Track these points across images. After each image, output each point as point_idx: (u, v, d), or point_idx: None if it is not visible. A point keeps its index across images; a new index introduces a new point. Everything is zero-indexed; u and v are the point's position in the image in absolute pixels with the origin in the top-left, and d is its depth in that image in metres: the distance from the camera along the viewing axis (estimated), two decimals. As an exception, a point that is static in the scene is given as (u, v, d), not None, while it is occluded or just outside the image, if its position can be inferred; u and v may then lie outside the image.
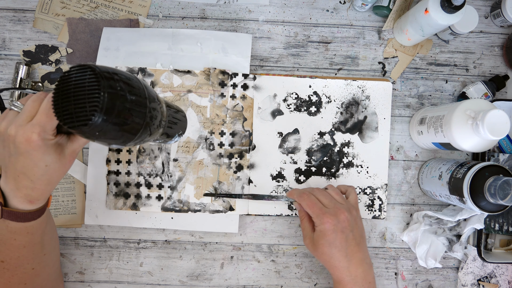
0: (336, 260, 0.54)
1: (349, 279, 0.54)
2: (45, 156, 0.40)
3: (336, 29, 0.68)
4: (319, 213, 0.54)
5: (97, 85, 0.34)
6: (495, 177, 0.51)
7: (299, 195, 0.57)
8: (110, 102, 0.34)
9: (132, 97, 0.36)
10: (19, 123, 0.39)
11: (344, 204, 0.56)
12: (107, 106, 0.34)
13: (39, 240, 0.49)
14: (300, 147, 0.66)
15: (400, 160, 0.68)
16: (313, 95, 0.66)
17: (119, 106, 0.35)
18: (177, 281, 0.66)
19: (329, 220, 0.53)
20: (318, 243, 0.55)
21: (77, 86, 0.35)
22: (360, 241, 0.55)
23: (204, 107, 0.65)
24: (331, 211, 0.54)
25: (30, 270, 0.49)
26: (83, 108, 0.34)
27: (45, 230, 0.49)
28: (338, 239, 0.53)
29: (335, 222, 0.53)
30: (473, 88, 0.65)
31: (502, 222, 0.65)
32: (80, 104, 0.34)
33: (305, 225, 0.58)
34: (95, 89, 0.34)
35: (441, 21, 0.56)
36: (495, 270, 0.67)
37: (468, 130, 0.53)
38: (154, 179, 0.64)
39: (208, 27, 0.67)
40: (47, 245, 0.51)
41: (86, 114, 0.34)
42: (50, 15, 0.65)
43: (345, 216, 0.54)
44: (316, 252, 0.56)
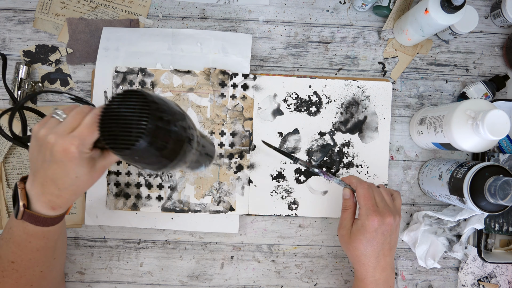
0: (366, 259, 0.54)
1: (372, 279, 0.55)
2: (78, 168, 0.41)
3: (336, 29, 0.68)
4: (371, 209, 0.54)
5: (147, 112, 0.35)
6: (495, 177, 0.51)
7: (359, 182, 0.57)
8: (156, 130, 0.35)
9: (175, 128, 0.37)
10: (60, 133, 0.40)
11: (392, 208, 0.56)
12: (153, 134, 0.35)
13: (52, 245, 0.50)
14: (300, 147, 0.66)
15: (400, 160, 0.68)
16: (313, 95, 0.66)
17: (163, 135, 0.36)
18: (177, 281, 0.66)
19: (376, 219, 0.53)
20: (355, 237, 0.54)
21: (127, 110, 0.36)
22: (393, 246, 0.55)
23: (204, 107, 0.65)
24: (381, 211, 0.54)
25: (38, 272, 0.50)
26: (129, 132, 0.35)
27: (59, 236, 0.51)
28: (376, 239, 0.53)
29: (380, 223, 0.53)
30: (473, 88, 0.65)
31: (502, 222, 0.65)
32: (127, 128, 0.35)
33: (347, 216, 0.57)
34: (145, 116, 0.35)
35: (441, 21, 0.56)
36: (495, 270, 0.67)
37: (468, 130, 0.53)
38: (154, 179, 0.64)
39: (208, 27, 0.67)
40: (59, 250, 0.52)
41: (131, 139, 0.35)
42: (50, 15, 0.65)
43: (390, 220, 0.54)
44: (348, 245, 0.56)
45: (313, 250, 0.67)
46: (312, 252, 0.67)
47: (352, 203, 0.58)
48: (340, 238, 0.58)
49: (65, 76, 0.65)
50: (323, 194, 0.66)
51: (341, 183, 0.58)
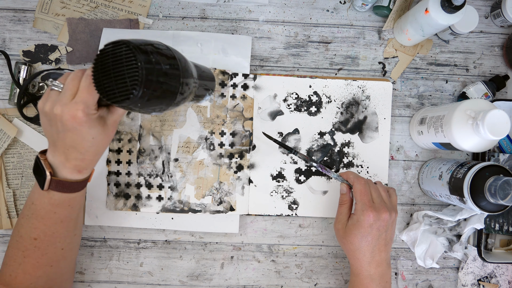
0: (361, 254, 0.55)
1: (367, 274, 0.55)
2: (91, 130, 0.43)
3: (336, 29, 0.68)
4: (367, 204, 0.54)
5: (134, 60, 0.36)
6: (495, 177, 0.51)
7: (356, 178, 0.57)
8: (148, 74, 0.36)
9: (167, 66, 0.38)
10: (64, 102, 0.42)
11: (388, 204, 0.56)
12: (146, 79, 0.36)
13: (75, 215, 0.52)
14: (300, 147, 0.66)
15: (400, 160, 0.68)
16: (313, 95, 0.66)
17: (156, 76, 0.37)
18: (177, 281, 0.66)
19: (371, 214, 0.53)
20: (350, 232, 0.55)
21: (115, 62, 0.37)
22: (388, 242, 0.56)
23: (205, 107, 0.65)
24: (376, 206, 0.54)
25: (59, 250, 0.51)
26: (124, 84, 0.36)
27: (81, 205, 0.53)
28: (371, 235, 0.54)
29: (375, 219, 0.53)
30: (473, 88, 0.65)
31: (502, 222, 0.65)
32: (120, 80, 0.36)
33: (344, 210, 0.58)
34: (133, 64, 0.36)
35: (441, 21, 0.56)
36: (495, 270, 0.67)
37: (468, 130, 0.53)
38: (154, 179, 0.64)
39: (208, 27, 0.67)
40: (79, 223, 0.55)
41: (127, 89, 0.36)
42: (50, 15, 0.65)
43: (386, 216, 0.54)
44: (344, 240, 0.56)
45: (313, 250, 0.67)
46: (312, 252, 0.67)
47: (349, 198, 0.59)
48: (336, 232, 0.58)
49: (65, 76, 0.65)
50: (323, 194, 0.66)
51: (339, 178, 0.59)
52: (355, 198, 0.56)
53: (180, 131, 0.64)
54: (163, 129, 0.64)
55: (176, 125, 0.64)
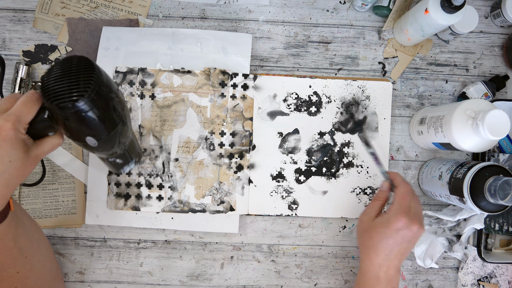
0: (375, 253, 0.54)
1: (375, 274, 0.54)
2: (12, 151, 0.39)
3: (336, 29, 0.68)
4: (403, 209, 0.53)
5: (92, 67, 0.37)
6: (495, 177, 0.51)
7: (403, 182, 0.57)
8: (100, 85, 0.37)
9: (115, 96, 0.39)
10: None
11: (419, 218, 0.55)
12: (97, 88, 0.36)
13: (12, 244, 0.46)
14: (300, 147, 0.66)
15: (400, 160, 0.68)
16: (313, 95, 0.66)
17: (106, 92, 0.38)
18: (177, 281, 0.66)
19: (403, 220, 0.52)
20: (375, 228, 0.54)
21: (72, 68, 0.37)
22: (405, 252, 0.55)
23: (204, 107, 0.65)
24: (411, 215, 0.53)
25: (15, 273, 0.48)
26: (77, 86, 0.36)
27: (16, 234, 0.47)
28: (394, 239, 0.53)
29: (405, 226, 0.52)
30: (473, 88, 0.65)
31: (502, 222, 0.65)
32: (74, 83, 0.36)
33: (376, 205, 0.57)
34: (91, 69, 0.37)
35: (441, 21, 0.56)
36: (495, 270, 0.67)
37: (468, 130, 0.53)
38: (154, 179, 0.64)
39: (208, 27, 0.67)
40: (26, 248, 0.49)
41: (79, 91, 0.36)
42: (50, 15, 0.65)
43: (416, 228, 0.53)
44: (365, 233, 0.55)
45: (313, 250, 0.67)
46: (312, 252, 0.67)
47: (385, 197, 0.58)
48: (359, 223, 0.57)
49: (65, 76, 0.65)
50: (323, 194, 0.66)
51: (384, 174, 0.59)
52: (394, 199, 0.55)
53: (180, 131, 0.64)
54: (163, 129, 0.64)
55: (176, 125, 0.64)
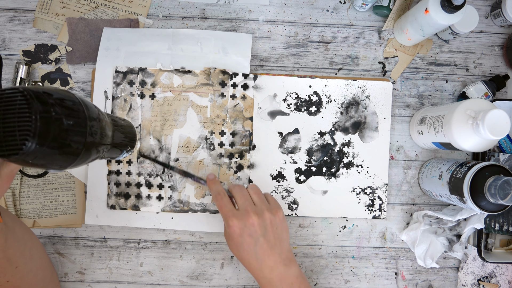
0: (247, 263, 0.53)
1: (265, 281, 0.53)
2: None
3: (336, 29, 0.68)
4: (227, 215, 0.53)
5: (27, 110, 0.31)
6: (496, 177, 0.51)
7: (215, 194, 0.55)
8: (43, 127, 0.31)
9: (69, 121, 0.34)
10: None
11: (258, 207, 0.54)
12: (40, 132, 0.31)
13: (1, 255, 0.46)
14: (300, 147, 0.66)
15: (400, 160, 0.68)
16: (313, 95, 0.66)
17: (54, 130, 0.32)
18: (177, 281, 0.66)
19: (235, 224, 0.51)
20: (228, 243, 0.54)
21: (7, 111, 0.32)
22: (275, 243, 0.53)
23: (205, 107, 0.65)
24: (240, 214, 0.52)
25: (4, 283, 0.48)
26: (13, 136, 0.31)
27: (5, 246, 0.46)
28: (245, 243, 0.52)
29: (241, 226, 0.51)
30: (473, 88, 0.65)
31: (502, 222, 0.65)
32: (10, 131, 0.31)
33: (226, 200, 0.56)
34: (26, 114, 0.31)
35: (441, 21, 0.56)
36: (495, 270, 0.67)
37: (468, 130, 0.53)
38: (154, 179, 0.64)
39: (208, 27, 0.67)
40: (17, 258, 0.49)
41: (16, 143, 0.31)
42: (50, 15, 0.65)
43: (253, 221, 0.52)
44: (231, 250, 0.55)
45: (313, 250, 0.67)
46: (312, 252, 0.67)
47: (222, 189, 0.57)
48: None
49: (65, 76, 0.65)
50: (323, 194, 0.66)
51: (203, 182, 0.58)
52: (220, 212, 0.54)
53: (180, 131, 0.64)
54: (163, 129, 0.64)
55: (176, 125, 0.64)
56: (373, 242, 0.67)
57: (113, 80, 0.64)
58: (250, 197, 0.56)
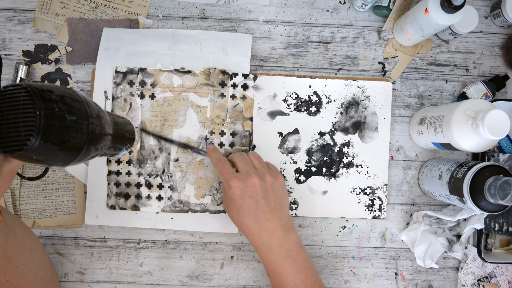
0: (246, 227, 0.52)
1: (263, 247, 0.52)
2: None
3: (336, 29, 0.68)
4: (228, 177, 0.52)
5: (32, 106, 0.32)
6: (495, 177, 0.51)
7: (216, 160, 0.54)
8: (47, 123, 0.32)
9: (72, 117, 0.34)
10: None
11: (259, 170, 0.53)
12: (44, 128, 0.32)
13: (2, 255, 0.47)
14: (300, 147, 0.66)
15: (400, 160, 0.68)
16: (313, 95, 0.66)
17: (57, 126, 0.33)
18: (177, 281, 0.66)
19: (236, 185, 0.50)
20: (227, 208, 0.53)
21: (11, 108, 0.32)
22: (275, 207, 0.52)
23: (204, 107, 0.65)
24: (241, 176, 0.51)
25: (4, 282, 0.48)
26: (17, 132, 0.32)
27: (6, 245, 0.47)
28: (246, 204, 0.51)
29: (242, 187, 0.50)
30: (473, 88, 0.65)
31: (502, 222, 0.65)
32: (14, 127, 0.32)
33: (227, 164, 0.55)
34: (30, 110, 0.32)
35: (441, 21, 0.56)
36: (495, 270, 0.67)
37: (468, 130, 0.53)
38: (154, 179, 0.64)
39: (208, 27, 0.67)
40: (17, 257, 0.49)
41: (21, 138, 0.32)
42: (50, 15, 0.65)
43: (254, 181, 0.51)
44: (229, 217, 0.54)
45: (313, 250, 0.67)
46: (312, 252, 0.67)
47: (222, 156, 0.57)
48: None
49: (65, 76, 0.65)
50: (323, 194, 0.66)
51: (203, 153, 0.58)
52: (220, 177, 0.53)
53: (180, 131, 0.64)
54: (163, 129, 0.64)
55: (176, 125, 0.64)
56: (373, 242, 0.67)
57: (113, 80, 0.64)
58: (251, 162, 0.55)
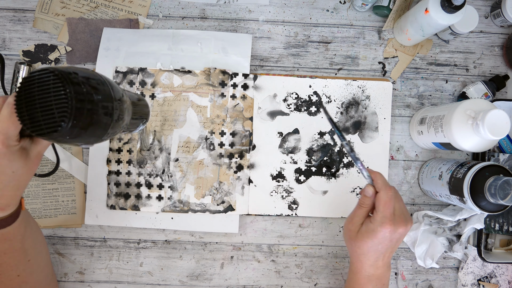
0: (366, 257, 0.53)
1: (365, 274, 0.54)
2: (11, 163, 0.39)
3: (336, 29, 0.68)
4: (387, 217, 0.51)
5: (63, 90, 0.33)
6: (495, 177, 0.51)
7: (384, 186, 0.53)
8: (78, 106, 0.33)
9: (99, 97, 0.35)
10: None
11: (407, 215, 0.54)
12: (76, 111, 0.33)
13: (19, 246, 0.47)
14: (300, 147, 0.66)
15: (400, 160, 0.68)
16: (313, 95, 0.66)
17: (87, 108, 0.34)
18: (177, 281, 0.66)
19: (389, 228, 0.51)
20: (362, 237, 0.53)
21: (42, 92, 0.33)
22: (394, 250, 0.54)
23: (205, 107, 0.65)
24: (396, 220, 0.52)
25: (15, 277, 0.48)
26: (51, 115, 0.33)
27: (24, 235, 0.48)
28: (382, 244, 0.52)
29: (392, 232, 0.51)
30: (473, 88, 0.65)
31: (502, 222, 0.65)
32: (48, 111, 0.33)
33: (361, 213, 0.54)
34: (62, 94, 0.33)
35: (441, 21, 0.56)
36: (495, 270, 0.67)
37: (468, 130, 0.53)
38: (154, 179, 0.64)
39: (208, 27, 0.67)
40: (31, 250, 0.50)
41: (55, 121, 0.33)
42: (50, 15, 0.65)
43: (403, 230, 0.52)
44: (352, 242, 0.54)
45: (313, 250, 0.67)
46: (312, 252, 0.67)
47: (371, 202, 0.54)
48: (346, 231, 0.55)
49: (65, 76, 0.65)
50: (323, 194, 0.66)
51: (368, 179, 0.55)
52: (377, 207, 0.52)
53: (180, 131, 0.64)
54: (163, 129, 0.64)
55: (176, 125, 0.64)
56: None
57: (113, 80, 0.64)
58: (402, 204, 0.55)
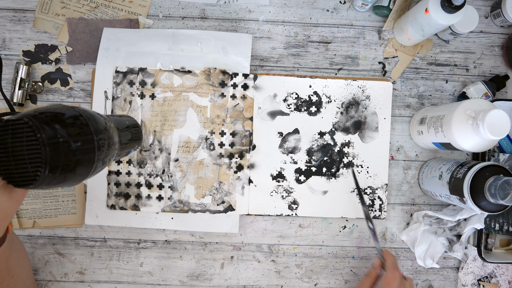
0: None
1: None
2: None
3: (336, 29, 0.68)
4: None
5: (35, 140, 0.31)
6: (496, 177, 0.51)
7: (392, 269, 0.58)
8: (53, 155, 0.31)
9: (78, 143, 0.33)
10: None
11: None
12: (51, 160, 0.31)
13: (4, 266, 0.48)
14: (300, 147, 0.66)
15: (400, 160, 0.68)
16: (313, 95, 0.66)
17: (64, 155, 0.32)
18: (177, 281, 0.66)
19: None
20: None
21: (15, 142, 0.32)
22: None
23: (205, 107, 0.65)
24: None
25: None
26: (25, 168, 0.31)
27: (9, 256, 0.48)
28: None
29: None
30: (473, 88, 0.65)
31: (502, 222, 0.65)
32: (21, 163, 0.32)
33: (367, 282, 0.60)
34: (35, 144, 0.31)
35: (441, 21, 0.56)
36: (495, 270, 0.67)
37: (468, 130, 0.53)
38: (154, 179, 0.64)
39: (208, 27, 0.67)
40: (14, 268, 0.50)
41: (29, 173, 0.31)
42: (50, 15, 0.65)
43: None
44: None
45: (313, 250, 0.67)
46: (312, 252, 0.67)
47: (376, 274, 0.60)
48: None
49: (65, 76, 0.65)
50: (323, 194, 0.66)
51: (378, 253, 0.61)
52: (382, 284, 0.57)
53: (180, 131, 0.64)
54: (163, 129, 0.64)
55: (176, 125, 0.64)
56: (373, 242, 0.67)
57: (113, 80, 0.64)
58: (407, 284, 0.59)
